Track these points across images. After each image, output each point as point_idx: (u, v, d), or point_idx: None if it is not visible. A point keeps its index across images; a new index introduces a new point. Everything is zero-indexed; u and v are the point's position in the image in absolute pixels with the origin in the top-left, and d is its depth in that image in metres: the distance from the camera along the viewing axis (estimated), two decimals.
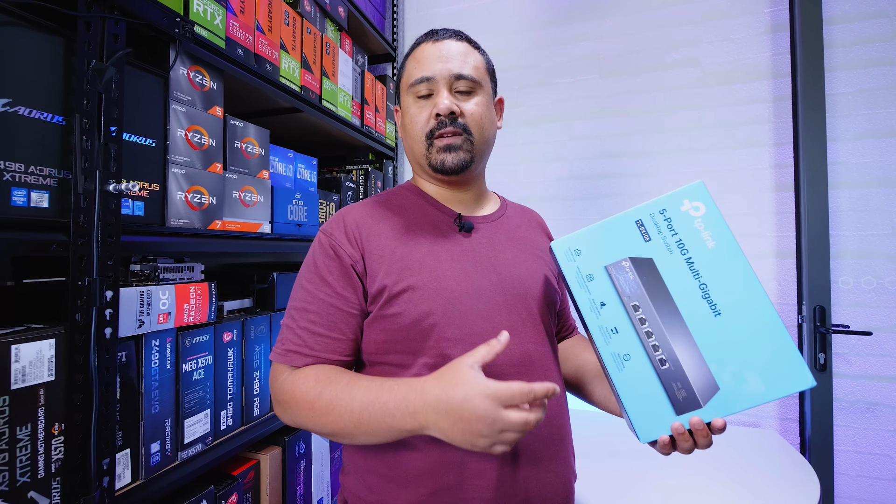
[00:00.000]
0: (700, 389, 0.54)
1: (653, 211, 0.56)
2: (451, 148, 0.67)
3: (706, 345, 0.54)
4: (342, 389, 0.57)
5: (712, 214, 0.55)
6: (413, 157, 0.73)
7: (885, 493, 1.32)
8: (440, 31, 0.71)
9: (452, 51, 0.68)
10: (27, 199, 0.61)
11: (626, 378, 0.56)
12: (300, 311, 0.64)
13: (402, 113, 0.74)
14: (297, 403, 0.59)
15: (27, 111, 0.61)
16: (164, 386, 0.80)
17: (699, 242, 0.55)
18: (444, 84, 0.68)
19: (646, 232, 0.57)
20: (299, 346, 0.63)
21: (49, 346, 0.62)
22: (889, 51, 1.36)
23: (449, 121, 0.67)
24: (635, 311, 0.56)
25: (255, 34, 1.04)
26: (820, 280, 1.31)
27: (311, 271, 0.66)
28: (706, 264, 0.54)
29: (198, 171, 0.89)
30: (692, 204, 0.55)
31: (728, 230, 0.55)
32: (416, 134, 0.69)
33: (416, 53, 0.71)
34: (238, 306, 1.06)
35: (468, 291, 0.64)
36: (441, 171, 0.69)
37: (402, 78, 0.73)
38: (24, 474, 0.59)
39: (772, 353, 0.53)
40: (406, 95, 0.71)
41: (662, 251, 0.56)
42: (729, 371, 0.54)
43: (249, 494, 0.99)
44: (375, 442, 0.57)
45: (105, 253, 0.67)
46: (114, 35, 0.70)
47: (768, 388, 0.53)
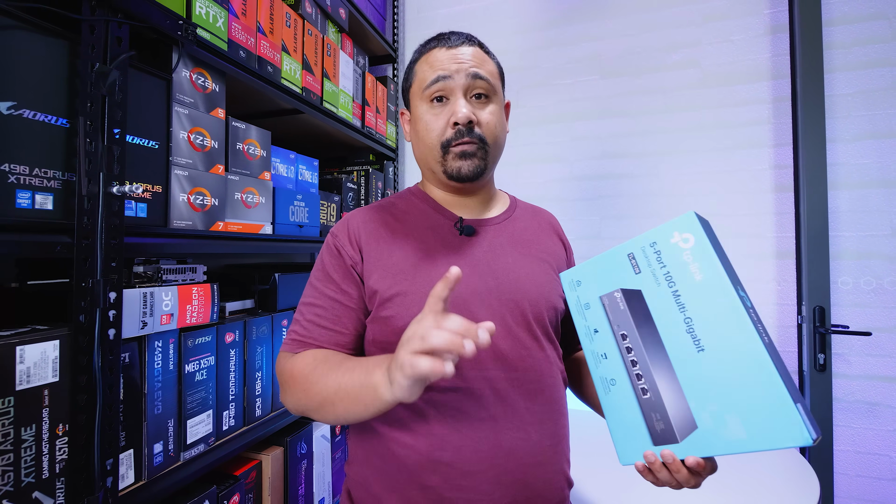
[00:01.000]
0: (678, 424, 0.53)
1: (644, 244, 0.57)
2: (466, 155, 0.67)
3: (687, 380, 0.53)
4: (335, 363, 0.59)
5: (701, 246, 0.53)
6: (425, 163, 0.73)
7: (885, 493, 1.33)
8: (452, 37, 0.70)
9: (468, 54, 0.68)
10: (32, 201, 0.62)
11: (611, 401, 0.59)
12: (308, 305, 0.68)
13: (413, 118, 0.73)
14: (295, 379, 0.61)
15: (32, 114, 0.62)
16: (166, 387, 0.81)
17: (686, 275, 0.54)
18: (461, 88, 0.67)
19: (636, 264, 0.57)
20: (304, 337, 0.66)
21: (53, 348, 0.62)
22: (888, 52, 1.36)
23: (466, 130, 0.66)
24: (623, 340, 0.58)
25: (256, 36, 1.05)
26: (819, 280, 1.32)
27: (320, 269, 0.70)
28: (692, 297, 0.53)
29: (200, 173, 0.89)
30: (682, 236, 0.54)
31: (717, 263, 0.52)
32: (431, 142, 0.68)
33: (429, 58, 0.70)
34: (240, 307, 1.07)
35: (462, 296, 0.64)
36: (457, 178, 0.69)
37: (414, 82, 0.72)
38: (29, 475, 0.59)
39: (759, 400, 0.48)
40: (418, 100, 0.70)
41: (651, 283, 0.56)
42: (709, 411, 0.51)
43: (251, 494, 1.00)
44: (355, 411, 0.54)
45: (108, 254, 0.68)
46: (117, 38, 0.70)
47: (751, 438, 0.48)
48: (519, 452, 0.62)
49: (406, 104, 0.77)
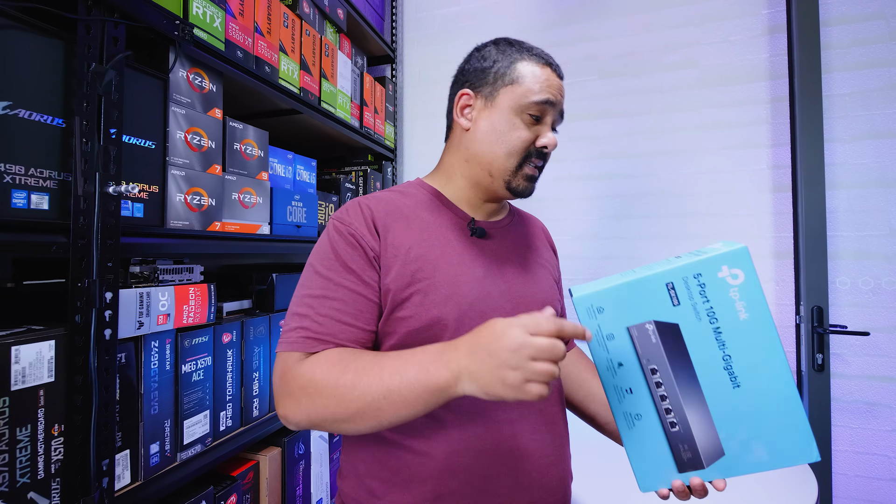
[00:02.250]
0: (705, 453, 0.55)
1: (687, 275, 0.52)
2: (534, 179, 0.69)
3: (719, 413, 0.54)
4: (370, 361, 0.54)
5: (751, 284, 0.51)
6: (485, 162, 0.68)
7: (883, 493, 1.33)
8: (556, 65, 0.70)
9: (563, 88, 0.71)
10: (27, 201, 0.62)
11: (634, 436, 0.57)
12: (319, 298, 0.59)
13: (494, 112, 0.68)
14: (318, 386, 0.54)
15: (27, 114, 0.62)
16: (163, 387, 0.81)
17: (731, 313, 0.52)
18: (552, 118, 0.69)
19: (676, 296, 0.53)
20: (321, 334, 0.58)
21: (49, 348, 0.62)
22: (886, 52, 1.37)
23: (544, 155, 0.69)
24: (653, 375, 0.55)
25: (254, 36, 1.05)
26: (817, 280, 1.32)
27: (332, 258, 0.62)
28: (734, 336, 0.52)
29: (197, 173, 0.89)
30: (731, 271, 0.51)
31: (764, 303, 0.51)
32: (514, 149, 0.67)
33: (541, 72, 0.67)
34: (237, 307, 1.07)
35: (479, 297, 0.63)
36: (518, 194, 0.70)
37: (517, 83, 0.67)
38: (24, 475, 0.59)
39: (784, 426, 0.53)
40: (514, 102, 0.67)
41: (690, 317, 0.53)
42: (737, 439, 0.54)
43: (249, 495, 1.00)
44: (406, 415, 0.52)
45: (105, 255, 0.68)
46: (113, 38, 0.70)
47: (772, 458, 0.54)
48: (535, 453, 0.62)
49: (477, 87, 0.70)
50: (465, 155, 0.71)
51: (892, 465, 1.32)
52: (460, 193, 0.72)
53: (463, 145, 0.71)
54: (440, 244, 0.66)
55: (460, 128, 0.71)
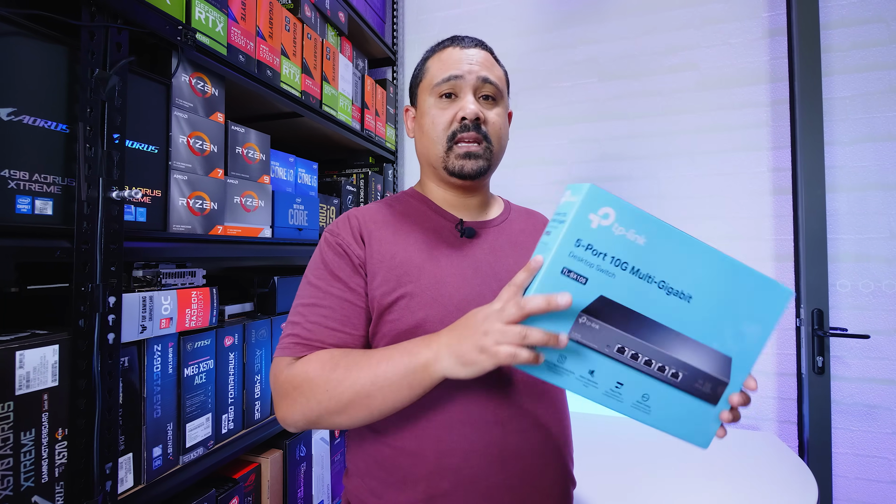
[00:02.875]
0: (718, 371, 0.54)
1: (569, 249, 0.49)
2: (470, 155, 0.68)
3: (699, 332, 0.53)
4: (360, 354, 0.58)
5: (624, 211, 0.49)
6: (427, 159, 0.73)
7: (884, 496, 1.33)
8: (465, 39, 0.72)
9: (479, 57, 0.70)
10: (31, 206, 0.62)
11: (656, 416, 0.55)
12: (310, 306, 0.63)
13: (419, 113, 0.74)
14: (311, 382, 0.57)
15: (31, 120, 0.62)
16: (165, 390, 0.81)
17: (630, 247, 0.50)
18: (470, 87, 0.68)
19: (578, 276, 0.50)
20: (310, 340, 0.61)
21: (53, 352, 0.62)
22: (886, 55, 1.37)
23: (473, 126, 0.67)
24: (622, 354, 0.52)
25: (256, 40, 1.05)
26: (818, 283, 1.32)
27: (321, 268, 0.65)
28: (649, 262, 0.50)
29: (199, 177, 0.89)
30: (599, 213, 0.48)
31: (647, 216, 0.49)
32: (436, 135, 0.69)
33: (442, 55, 0.71)
34: (239, 310, 1.07)
35: (467, 298, 0.64)
36: (459, 175, 0.69)
37: (424, 78, 0.73)
38: (29, 479, 0.59)
39: (748, 294, 0.53)
40: (427, 95, 0.71)
41: (605, 280, 0.50)
42: (729, 337, 0.54)
43: (250, 498, 1.00)
44: (393, 401, 0.55)
45: (108, 259, 0.68)
46: (117, 44, 0.70)
47: (764, 324, 0.54)
48: (526, 455, 0.62)
49: (412, 101, 0.77)
50: (420, 161, 0.76)
51: (893, 468, 1.33)
52: (438, 196, 0.75)
53: (417, 152, 0.77)
54: (427, 248, 0.67)
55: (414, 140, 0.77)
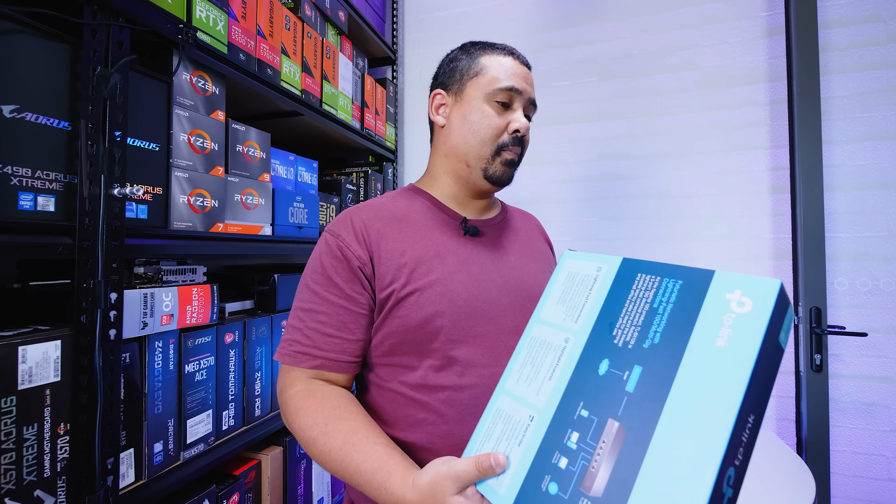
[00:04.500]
0: None
1: None
2: (512, 164, 0.71)
3: None
4: (336, 450, 0.56)
5: None
6: (463, 154, 0.71)
7: (881, 494, 1.33)
8: (520, 54, 0.73)
9: (530, 78, 0.73)
10: (34, 203, 0.62)
11: None
12: (308, 311, 0.64)
13: (465, 107, 0.71)
14: (296, 433, 0.61)
15: (34, 117, 0.63)
16: (166, 387, 0.81)
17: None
18: (522, 104, 0.71)
19: None
20: (308, 348, 0.63)
21: (55, 348, 0.63)
22: (884, 54, 1.37)
23: (519, 140, 0.71)
24: None
25: (256, 39, 1.06)
26: (816, 282, 1.32)
27: (319, 272, 0.65)
28: None
29: (200, 175, 0.90)
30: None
31: None
32: (486, 137, 0.69)
33: (503, 61, 0.71)
34: (240, 308, 1.07)
35: (474, 294, 0.65)
36: (496, 182, 0.71)
37: (481, 74, 0.70)
38: (31, 473, 0.60)
39: None
40: (481, 93, 0.70)
41: None
42: None
43: (251, 494, 1.00)
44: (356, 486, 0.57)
45: (109, 256, 0.69)
46: (118, 42, 0.71)
47: None
48: None
49: (446, 86, 0.74)
50: (444, 151, 0.74)
51: (890, 465, 1.33)
52: (447, 192, 0.74)
53: (441, 142, 0.75)
54: (434, 245, 0.67)
55: (438, 126, 0.75)
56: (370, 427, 0.59)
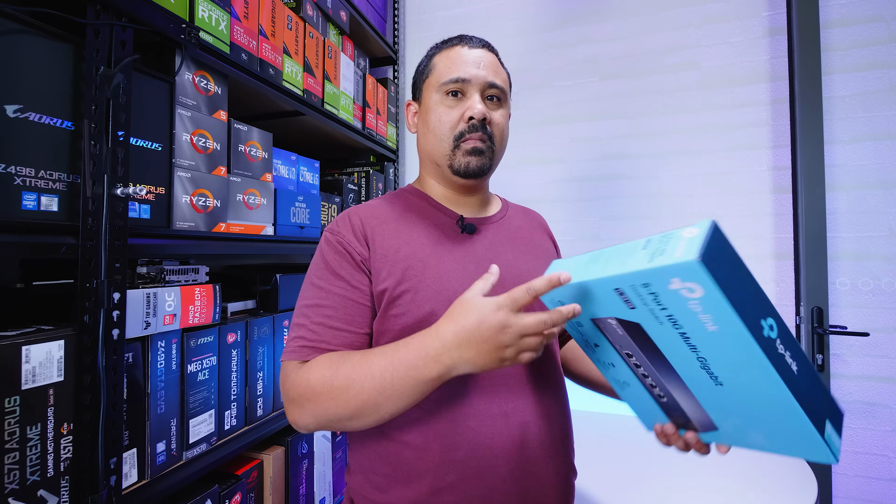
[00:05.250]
0: (699, 423, 0.54)
1: (633, 283, 0.46)
2: (476, 151, 0.69)
3: (706, 401, 0.50)
4: (358, 361, 0.56)
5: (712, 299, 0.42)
6: (431, 156, 0.73)
7: (883, 493, 1.33)
8: (473, 39, 0.73)
9: (486, 60, 0.71)
10: (37, 203, 0.62)
11: (628, 395, 0.59)
12: (313, 307, 0.63)
13: (423, 109, 0.74)
14: (315, 391, 0.57)
15: (37, 117, 0.63)
16: (169, 386, 0.81)
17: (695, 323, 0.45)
18: (477, 89, 0.69)
19: (628, 300, 0.48)
20: (315, 342, 0.61)
21: (58, 347, 0.63)
22: (886, 54, 1.37)
23: (479, 126, 0.69)
24: (629, 357, 0.53)
25: (258, 39, 1.06)
26: (817, 281, 1.32)
27: (322, 268, 0.65)
28: (705, 344, 0.46)
29: (202, 175, 0.90)
30: (685, 285, 0.42)
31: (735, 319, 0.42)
32: (442, 133, 0.69)
33: (450, 53, 0.71)
34: (242, 308, 1.07)
35: None
36: (463, 174, 0.70)
37: (431, 75, 0.73)
38: (34, 473, 0.60)
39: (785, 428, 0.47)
40: (433, 92, 0.71)
41: (650, 320, 0.48)
42: (731, 423, 0.51)
43: (253, 494, 1.00)
44: (404, 405, 0.55)
45: (112, 255, 0.68)
46: (121, 42, 0.71)
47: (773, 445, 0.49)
48: (531, 446, 0.63)
49: (415, 96, 0.77)
50: (422, 157, 0.76)
51: (892, 465, 1.33)
52: (438, 192, 0.75)
53: (419, 148, 0.77)
54: (430, 243, 0.68)
55: (415, 135, 0.77)
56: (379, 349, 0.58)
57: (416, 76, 0.77)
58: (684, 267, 0.41)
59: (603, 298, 0.50)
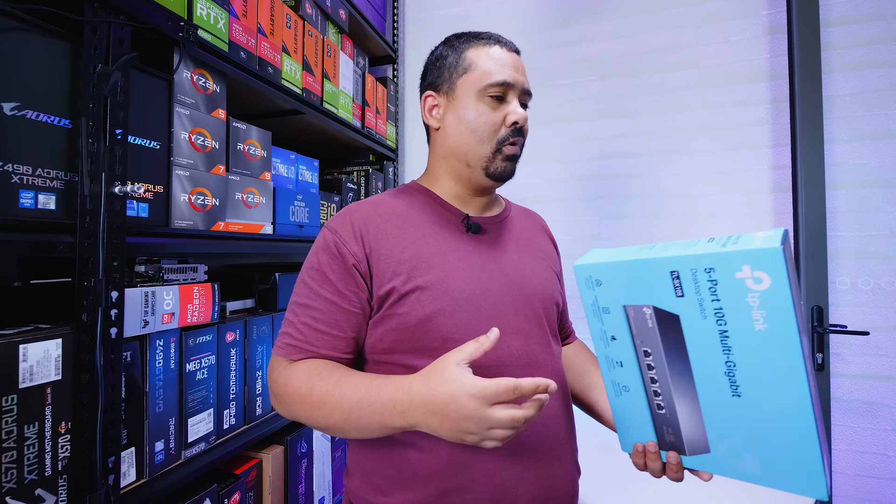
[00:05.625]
0: (689, 444, 0.53)
1: (696, 266, 0.45)
2: (514, 158, 0.70)
3: (711, 414, 0.50)
4: (332, 386, 0.57)
5: (778, 294, 0.41)
6: (461, 155, 0.70)
7: (883, 492, 1.33)
8: (506, 40, 0.72)
9: (521, 66, 0.71)
10: (35, 201, 0.62)
11: (620, 403, 0.57)
12: (302, 306, 0.65)
13: (456, 105, 0.70)
14: (291, 397, 0.60)
15: (35, 115, 0.62)
16: (167, 385, 0.81)
17: (745, 319, 0.44)
18: (517, 94, 0.70)
19: (680, 286, 0.46)
20: (299, 342, 0.63)
21: (56, 346, 0.63)
22: (886, 53, 1.37)
23: (519, 131, 0.69)
24: (645, 357, 0.52)
25: (257, 37, 1.05)
26: (818, 280, 1.32)
27: (314, 268, 0.66)
28: (744, 345, 0.45)
29: (201, 173, 0.90)
30: (754, 273, 0.42)
31: (792, 317, 0.42)
32: (484, 135, 0.68)
33: (490, 52, 0.69)
34: (241, 307, 1.07)
35: (476, 292, 0.64)
36: (498, 178, 0.70)
37: (470, 72, 0.69)
38: (32, 472, 0.60)
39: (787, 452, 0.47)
40: (472, 90, 0.68)
41: (694, 312, 0.47)
42: (726, 444, 0.50)
43: (252, 493, 1.00)
44: (367, 437, 0.58)
45: (110, 254, 0.68)
46: (119, 39, 0.71)
47: (765, 476, 0.49)
48: (540, 447, 0.63)
49: (438, 88, 0.72)
50: (442, 153, 0.73)
51: (892, 464, 1.33)
52: (448, 191, 0.74)
53: (438, 144, 0.74)
54: (435, 242, 0.67)
55: (433, 129, 0.74)
56: (361, 373, 0.60)
57: (441, 68, 0.72)
58: (762, 253, 0.41)
59: (652, 281, 0.49)
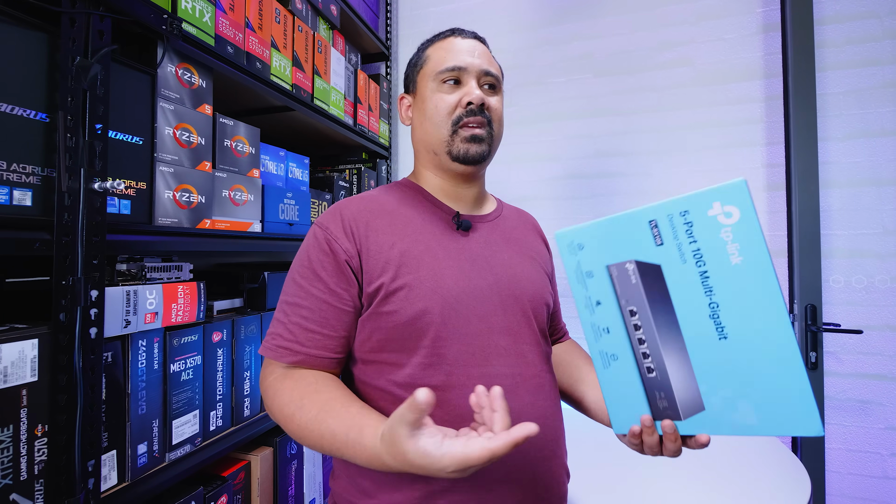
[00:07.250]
0: (683, 404, 0.52)
1: (672, 211, 0.47)
2: (476, 139, 0.68)
3: (701, 365, 0.50)
4: (312, 420, 0.55)
5: (747, 224, 0.44)
6: (428, 144, 0.72)
7: (876, 491, 1.33)
8: (464, 30, 0.74)
9: (479, 49, 0.72)
10: (9, 197, 0.60)
11: (610, 376, 0.56)
12: (292, 305, 0.63)
13: (419, 99, 0.73)
14: (275, 415, 0.61)
15: (9, 108, 0.60)
16: (151, 386, 0.79)
17: (721, 256, 0.46)
18: (474, 77, 0.70)
19: (659, 234, 0.48)
20: (290, 343, 0.62)
21: (32, 347, 0.61)
22: (879, 51, 1.37)
23: (477, 110, 0.68)
24: (631, 316, 0.53)
25: (245, 32, 1.04)
26: (811, 279, 1.32)
27: (305, 266, 0.65)
28: (723, 282, 0.47)
29: (186, 170, 0.88)
30: (724, 208, 0.44)
31: (762, 245, 0.45)
32: (440, 119, 0.69)
33: (444, 44, 0.72)
34: (228, 306, 1.05)
35: (465, 291, 0.63)
36: (463, 160, 0.69)
37: (426, 65, 0.73)
38: (6, 476, 0.58)
39: (778, 390, 0.47)
40: (428, 82, 0.71)
41: (674, 259, 0.48)
42: (720, 395, 0.50)
43: (240, 496, 0.99)
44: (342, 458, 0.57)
45: (90, 252, 0.66)
46: (99, 31, 0.69)
47: (762, 423, 0.49)
48: (526, 449, 0.62)
49: (408, 89, 0.77)
50: (417, 147, 0.76)
51: (885, 463, 1.33)
52: (433, 184, 0.74)
53: (414, 139, 0.76)
54: (424, 239, 0.66)
55: (410, 127, 0.77)
56: (346, 396, 0.57)
57: (409, 70, 0.77)
58: (729, 188, 0.45)
59: (632, 235, 0.51)
